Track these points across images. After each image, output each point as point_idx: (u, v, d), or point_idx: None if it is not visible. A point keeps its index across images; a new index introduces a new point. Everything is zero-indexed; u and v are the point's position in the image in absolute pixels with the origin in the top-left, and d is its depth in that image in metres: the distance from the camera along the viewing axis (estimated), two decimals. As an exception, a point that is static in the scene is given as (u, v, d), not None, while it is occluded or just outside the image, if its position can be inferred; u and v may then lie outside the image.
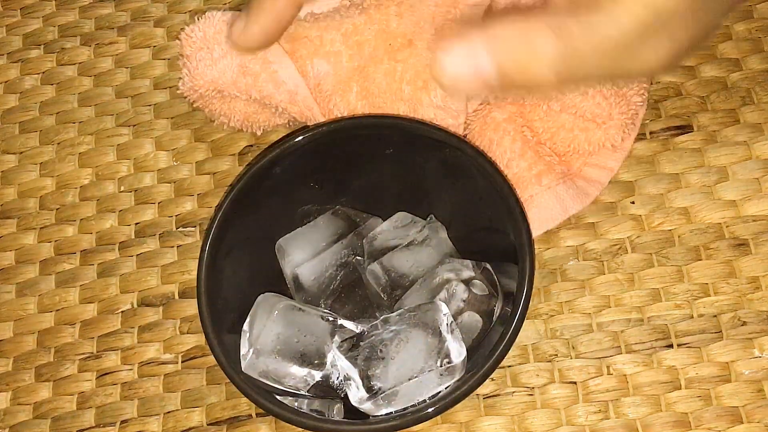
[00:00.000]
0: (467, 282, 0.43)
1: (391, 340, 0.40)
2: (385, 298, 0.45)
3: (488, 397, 0.46)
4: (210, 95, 0.50)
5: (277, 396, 0.42)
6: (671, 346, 0.46)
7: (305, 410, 0.42)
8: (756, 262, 0.47)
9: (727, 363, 0.46)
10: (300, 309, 0.43)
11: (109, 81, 0.57)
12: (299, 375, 0.42)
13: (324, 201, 0.48)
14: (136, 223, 0.53)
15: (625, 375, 0.46)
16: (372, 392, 0.39)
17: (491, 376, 0.41)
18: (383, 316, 0.41)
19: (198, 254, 0.43)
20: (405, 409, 0.40)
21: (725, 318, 0.46)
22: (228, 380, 0.41)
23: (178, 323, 0.50)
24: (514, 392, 0.46)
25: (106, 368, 0.50)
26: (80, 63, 0.58)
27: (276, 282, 0.47)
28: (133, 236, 0.53)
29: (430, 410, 0.39)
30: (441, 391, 0.40)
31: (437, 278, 0.44)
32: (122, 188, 0.54)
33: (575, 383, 0.46)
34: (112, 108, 0.57)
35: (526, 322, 0.44)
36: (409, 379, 0.39)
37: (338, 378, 0.42)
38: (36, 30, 0.60)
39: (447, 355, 0.40)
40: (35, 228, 0.54)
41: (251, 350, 0.42)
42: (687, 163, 0.50)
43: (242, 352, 0.42)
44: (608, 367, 0.46)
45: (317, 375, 0.42)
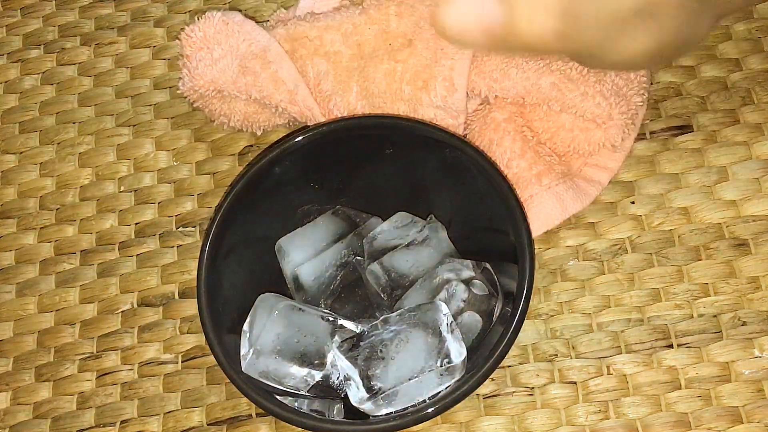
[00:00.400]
0: (467, 282, 0.43)
1: (391, 340, 0.40)
2: (385, 298, 0.45)
3: (488, 397, 0.46)
4: (210, 95, 0.50)
5: (277, 396, 0.42)
6: (671, 346, 0.46)
7: (305, 410, 0.42)
8: (756, 262, 0.47)
9: (727, 363, 0.45)
10: (300, 309, 0.43)
11: (109, 81, 0.57)
12: (299, 375, 0.42)
13: (324, 201, 0.48)
14: (136, 223, 0.53)
15: (625, 375, 0.46)
16: (372, 392, 0.39)
17: (491, 376, 0.41)
18: (383, 316, 0.41)
19: (198, 254, 0.43)
20: (405, 409, 0.40)
21: (725, 318, 0.46)
22: (228, 380, 0.41)
23: (178, 323, 0.50)
24: (514, 392, 0.46)
25: (106, 368, 0.50)
26: (80, 63, 0.58)
27: (276, 282, 0.47)
28: (133, 236, 0.53)
29: (430, 410, 0.39)
30: (441, 391, 0.40)
31: (437, 278, 0.44)
32: (122, 188, 0.54)
33: (575, 383, 0.46)
34: (112, 108, 0.57)
35: (526, 322, 0.44)
36: (410, 379, 0.39)
37: (338, 378, 0.42)
38: (36, 30, 0.60)
39: (447, 355, 0.40)
40: (35, 228, 0.54)
41: (251, 350, 0.42)
42: (687, 163, 0.50)
43: (242, 352, 0.42)
44: (608, 367, 0.46)
45: (317, 375, 0.42)
